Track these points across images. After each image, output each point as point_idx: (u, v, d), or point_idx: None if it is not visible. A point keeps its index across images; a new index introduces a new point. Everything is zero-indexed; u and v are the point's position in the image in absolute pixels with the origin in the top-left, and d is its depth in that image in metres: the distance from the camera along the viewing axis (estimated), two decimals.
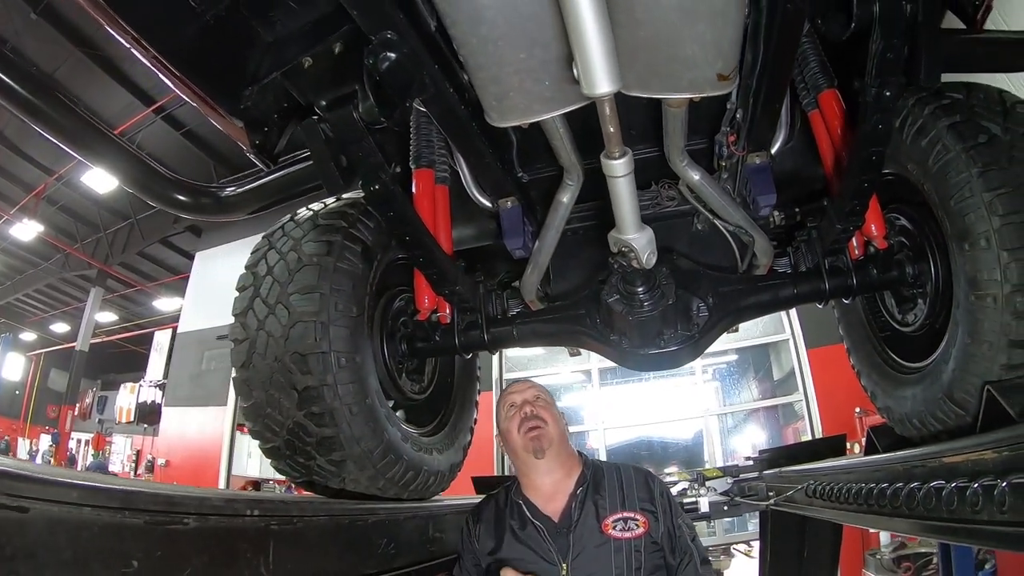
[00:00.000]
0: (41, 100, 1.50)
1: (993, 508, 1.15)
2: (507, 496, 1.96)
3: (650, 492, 1.87)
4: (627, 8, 1.24)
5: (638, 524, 1.79)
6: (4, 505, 0.79)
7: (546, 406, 1.96)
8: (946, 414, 1.78)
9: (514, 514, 1.89)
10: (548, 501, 1.88)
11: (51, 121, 1.51)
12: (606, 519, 1.80)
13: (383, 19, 1.35)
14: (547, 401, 1.99)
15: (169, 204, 1.78)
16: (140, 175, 1.71)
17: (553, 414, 1.95)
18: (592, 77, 1.19)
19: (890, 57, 1.44)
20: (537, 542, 1.81)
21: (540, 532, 1.82)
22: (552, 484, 1.90)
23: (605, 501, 1.84)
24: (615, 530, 1.78)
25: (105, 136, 1.61)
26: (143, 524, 1.00)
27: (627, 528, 1.78)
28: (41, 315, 24.51)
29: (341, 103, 1.53)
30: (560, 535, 1.80)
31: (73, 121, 1.54)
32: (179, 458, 13.57)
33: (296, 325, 1.76)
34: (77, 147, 1.57)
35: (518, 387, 2.04)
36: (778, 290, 2.10)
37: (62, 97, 1.55)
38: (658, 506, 1.84)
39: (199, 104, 1.63)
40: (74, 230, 17.74)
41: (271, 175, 2.00)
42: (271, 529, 1.31)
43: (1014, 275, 1.53)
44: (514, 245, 2.15)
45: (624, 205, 1.68)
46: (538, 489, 1.91)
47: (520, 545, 1.82)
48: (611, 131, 1.43)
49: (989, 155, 1.61)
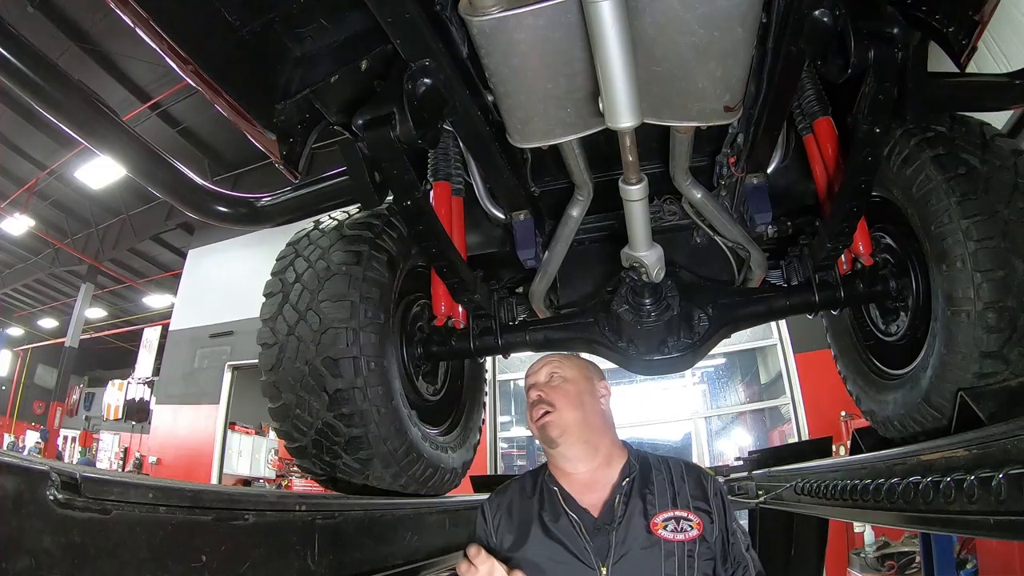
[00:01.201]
0: (105, 128, 1.58)
1: (964, 499, 1.29)
2: (536, 483, 1.73)
3: (704, 490, 1.64)
4: (647, 47, 1.35)
5: (692, 525, 1.55)
6: (89, 508, 0.86)
7: (559, 386, 1.73)
8: (924, 417, 1.93)
9: (545, 504, 1.65)
10: (585, 492, 1.65)
11: (108, 143, 1.60)
12: (655, 517, 1.56)
13: (424, 48, 1.45)
14: (564, 378, 1.75)
15: (210, 215, 1.87)
16: (184, 189, 1.80)
17: (567, 394, 1.71)
18: (616, 111, 1.33)
19: (881, 99, 1.58)
20: (572, 538, 1.56)
21: (576, 527, 1.57)
22: (588, 473, 1.68)
23: (655, 497, 1.60)
24: (666, 531, 1.54)
25: (154, 154, 1.70)
26: (211, 521, 1.09)
27: (680, 529, 1.54)
28: (29, 310, 24.26)
29: (379, 124, 1.60)
30: (600, 533, 1.55)
31: (127, 141, 1.63)
32: (170, 456, 13.49)
33: (328, 331, 1.87)
34: (127, 164, 1.66)
35: (534, 367, 1.82)
36: (772, 302, 2.24)
37: (122, 123, 1.62)
38: (713, 506, 1.61)
39: (235, 118, 1.69)
40: (65, 225, 17.62)
41: (306, 187, 2.10)
42: (317, 523, 1.42)
43: (986, 294, 1.68)
44: (526, 256, 2.28)
45: (638, 225, 1.84)
46: (571, 477, 1.68)
47: (550, 541, 1.57)
48: (630, 160, 1.58)
49: (967, 185, 1.76)
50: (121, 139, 1.61)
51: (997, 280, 1.68)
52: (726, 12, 1.27)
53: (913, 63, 1.57)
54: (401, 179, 1.72)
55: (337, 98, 1.79)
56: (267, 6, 1.53)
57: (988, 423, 1.57)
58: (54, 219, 17.32)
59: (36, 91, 1.40)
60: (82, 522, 0.85)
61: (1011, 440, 1.22)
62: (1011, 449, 1.21)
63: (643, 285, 2.09)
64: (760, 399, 10.17)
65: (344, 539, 1.54)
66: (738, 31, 1.32)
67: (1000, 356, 1.71)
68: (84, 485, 0.85)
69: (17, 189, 15.41)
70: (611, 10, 1.14)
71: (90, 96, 1.53)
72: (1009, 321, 1.69)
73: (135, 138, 1.67)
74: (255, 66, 1.64)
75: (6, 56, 1.32)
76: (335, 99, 1.80)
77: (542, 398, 1.71)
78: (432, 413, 2.49)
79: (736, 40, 1.34)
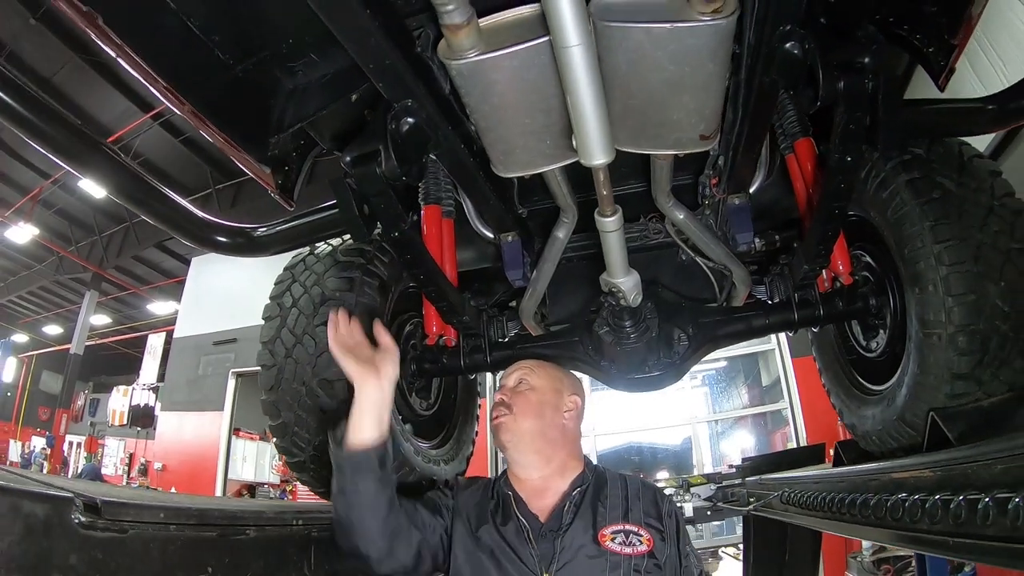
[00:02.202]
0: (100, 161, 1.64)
1: (927, 519, 1.34)
2: (494, 485, 1.77)
3: (658, 510, 1.65)
4: (623, 82, 1.40)
5: (641, 540, 1.56)
6: (108, 528, 0.97)
7: (523, 392, 1.80)
8: (900, 433, 1.97)
9: (499, 506, 1.69)
10: (536, 497, 1.69)
11: (110, 180, 1.66)
12: (604, 529, 1.57)
13: (405, 90, 1.50)
14: (531, 386, 1.81)
15: (210, 245, 1.94)
16: (185, 221, 1.87)
17: (528, 402, 1.77)
18: (588, 149, 1.40)
19: (852, 128, 1.58)
20: (518, 541, 1.58)
21: (523, 531, 1.59)
22: (540, 480, 1.72)
23: (606, 510, 1.62)
24: (614, 543, 1.54)
25: (154, 189, 1.76)
26: (215, 536, 1.21)
27: (628, 543, 1.55)
28: (33, 317, 24.46)
29: (366, 161, 1.65)
30: (545, 538, 1.58)
31: (125, 177, 1.70)
32: (175, 461, 13.63)
33: (323, 355, 1.94)
34: (126, 199, 1.72)
35: (509, 369, 1.91)
36: (752, 320, 2.29)
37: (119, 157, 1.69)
38: (666, 526, 1.62)
39: (231, 152, 1.74)
40: (69, 233, 17.81)
41: (299, 219, 2.17)
42: (312, 536, 1.54)
43: (957, 317, 1.71)
44: (514, 276, 2.34)
45: (614, 253, 1.91)
46: (524, 483, 1.73)
47: (500, 539, 1.60)
48: (604, 194, 1.64)
49: (941, 210, 1.79)
50: (119, 173, 1.67)
51: (968, 304, 1.70)
52: (696, 49, 1.30)
53: (885, 92, 1.55)
54: (388, 212, 1.77)
55: (330, 127, 1.85)
56: (259, 45, 1.58)
57: (956, 444, 1.60)
58: (58, 227, 17.52)
59: (26, 125, 1.45)
60: (103, 541, 0.96)
61: (971, 465, 1.25)
62: (971, 474, 1.24)
63: (622, 308, 2.14)
64: (762, 402, 10.23)
65: (339, 548, 1.61)
66: (709, 66, 1.36)
67: (972, 377, 1.74)
68: (104, 508, 0.96)
69: (21, 198, 15.60)
70: (580, 55, 1.20)
71: (82, 130, 1.58)
72: (981, 344, 1.71)
73: (134, 172, 1.73)
74: (248, 102, 1.69)
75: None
76: (328, 128, 1.85)
77: (504, 401, 1.79)
78: (426, 427, 2.55)
79: (707, 74, 1.38)
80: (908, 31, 1.69)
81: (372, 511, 1.52)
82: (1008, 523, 1.05)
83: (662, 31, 1.25)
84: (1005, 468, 1.15)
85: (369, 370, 1.59)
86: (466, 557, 1.62)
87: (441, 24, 1.26)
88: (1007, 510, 1.06)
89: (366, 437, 1.53)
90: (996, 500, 1.10)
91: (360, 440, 1.53)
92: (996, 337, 1.72)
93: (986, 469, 1.20)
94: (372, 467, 1.52)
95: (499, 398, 1.82)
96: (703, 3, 1.21)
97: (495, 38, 1.32)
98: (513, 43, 1.30)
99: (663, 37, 1.27)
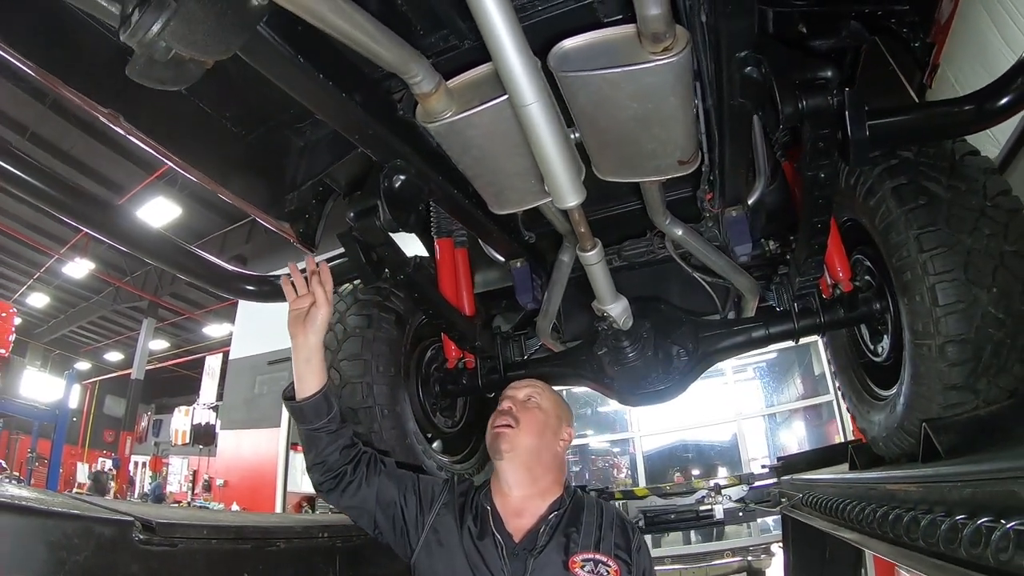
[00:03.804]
0: (149, 238, 1.84)
1: (910, 534, 1.33)
2: (476, 495, 1.78)
3: (628, 542, 1.67)
4: (591, 122, 1.49)
5: (609, 571, 1.58)
6: (162, 544, 1.16)
7: (531, 408, 1.80)
8: (902, 441, 1.97)
9: (476, 517, 1.70)
10: (514, 516, 1.70)
11: (153, 251, 1.85)
12: (575, 556, 1.59)
13: (392, 152, 1.63)
14: (539, 405, 1.82)
15: (240, 294, 2.15)
16: (217, 277, 2.06)
17: (535, 419, 1.78)
18: (560, 194, 1.51)
19: (822, 146, 1.57)
20: (491, 557, 1.61)
21: (498, 548, 1.62)
22: (521, 499, 1.73)
23: (579, 536, 1.64)
24: (583, 570, 1.57)
25: (183, 248, 1.93)
26: (250, 549, 1.41)
27: (596, 572, 1.57)
28: (94, 345, 25.52)
29: (366, 215, 1.77)
30: (517, 558, 1.60)
31: (154, 239, 1.88)
32: (236, 477, 13.99)
33: (347, 386, 2.14)
34: (157, 259, 1.91)
35: (519, 383, 1.90)
36: (752, 332, 2.32)
37: (161, 233, 1.89)
38: (634, 560, 1.64)
39: (251, 212, 1.93)
40: (123, 264, 18.51)
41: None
42: (337, 547, 1.73)
43: (946, 328, 1.69)
44: (524, 300, 2.47)
45: (600, 283, 2.02)
46: (505, 498, 1.74)
47: (475, 551, 1.63)
48: (582, 231, 1.76)
49: (926, 217, 1.75)
50: (165, 245, 1.88)
51: (958, 313, 1.67)
52: (654, 87, 1.35)
53: (851, 105, 1.53)
54: (392, 259, 1.91)
55: (345, 175, 2.02)
56: (266, 114, 1.73)
57: (946, 457, 1.59)
58: (112, 259, 18.18)
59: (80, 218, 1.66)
60: (158, 554, 1.15)
61: (952, 484, 1.24)
62: (947, 494, 1.24)
63: (617, 331, 2.23)
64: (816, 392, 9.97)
65: (361, 558, 1.83)
66: (671, 100, 1.39)
67: (967, 387, 1.71)
68: (158, 527, 1.15)
69: (75, 235, 16.31)
70: (538, 111, 1.29)
71: (127, 213, 1.79)
72: (973, 353, 1.68)
73: (176, 244, 1.95)
74: (262, 166, 1.86)
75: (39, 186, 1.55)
76: (343, 176, 2.02)
77: (511, 410, 1.78)
78: (452, 442, 2.72)
79: (672, 107, 1.42)
80: (884, 16, 1.69)
81: (332, 444, 1.69)
82: (963, 548, 1.06)
83: (618, 75, 1.32)
84: (973, 492, 1.15)
85: (298, 327, 1.72)
86: (444, 549, 1.67)
87: (413, 93, 1.37)
88: (963, 534, 1.06)
89: (305, 388, 1.69)
90: (958, 523, 1.10)
91: (301, 392, 1.69)
92: (991, 345, 1.68)
93: (957, 490, 1.20)
94: (321, 410, 1.68)
95: (507, 406, 1.81)
96: (652, 43, 1.27)
97: (465, 96, 1.43)
98: (480, 102, 1.40)
99: (621, 80, 1.33)
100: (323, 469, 1.70)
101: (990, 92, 1.70)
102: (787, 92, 1.49)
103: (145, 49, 0.93)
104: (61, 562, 0.95)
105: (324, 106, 1.41)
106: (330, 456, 1.69)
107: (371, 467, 1.75)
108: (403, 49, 1.26)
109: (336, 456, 1.69)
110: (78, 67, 1.39)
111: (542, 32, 1.42)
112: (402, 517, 1.72)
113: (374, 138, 1.53)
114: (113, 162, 13.94)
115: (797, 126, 1.55)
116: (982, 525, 1.02)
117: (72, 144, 13.38)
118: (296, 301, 1.74)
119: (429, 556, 1.67)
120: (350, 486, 1.70)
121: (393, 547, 1.74)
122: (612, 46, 1.34)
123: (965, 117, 1.75)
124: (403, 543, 1.72)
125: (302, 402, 1.67)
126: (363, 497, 1.71)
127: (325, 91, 1.33)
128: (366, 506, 1.72)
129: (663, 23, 1.21)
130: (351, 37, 1.15)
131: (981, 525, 1.02)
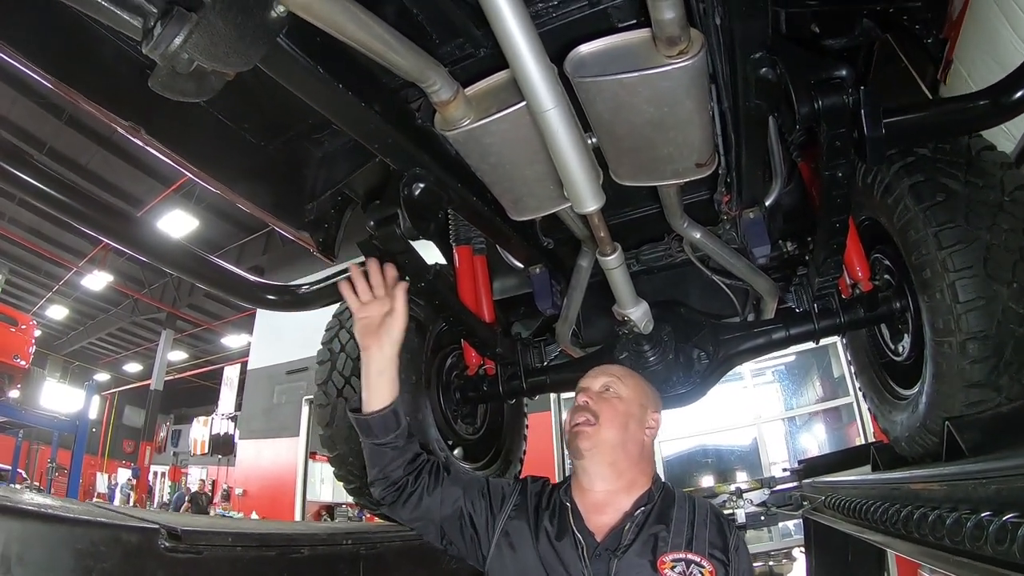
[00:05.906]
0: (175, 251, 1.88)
1: (935, 533, 1.31)
2: (554, 493, 1.66)
3: (725, 540, 1.49)
4: (609, 127, 1.50)
5: (703, 572, 1.41)
6: (188, 551, 1.17)
7: (610, 400, 1.63)
8: (925, 440, 1.96)
9: (554, 516, 1.57)
10: (596, 513, 1.55)
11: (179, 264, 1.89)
12: (664, 556, 1.43)
13: (412, 160, 1.64)
14: (618, 395, 1.64)
15: (261, 303, 2.18)
16: (241, 287, 2.11)
17: (615, 411, 1.61)
18: (579, 199, 1.51)
19: (838, 145, 1.57)
20: (571, 559, 1.47)
21: (578, 548, 1.47)
22: (604, 494, 1.57)
23: (669, 535, 1.48)
24: (673, 572, 1.41)
25: (205, 259, 1.97)
26: (275, 556, 1.42)
27: (688, 573, 1.41)
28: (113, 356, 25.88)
29: (386, 223, 1.78)
30: (599, 559, 1.45)
31: (179, 250, 1.92)
32: (256, 487, 14.09)
33: None
34: (180, 270, 1.95)
35: (595, 371, 1.73)
36: (772, 334, 2.31)
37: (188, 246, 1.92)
38: (731, 559, 1.46)
39: (271, 222, 1.94)
40: (141, 277, 18.77)
41: (338, 275, 2.38)
42: (361, 553, 1.73)
43: (967, 325, 1.68)
44: (544, 305, 2.48)
45: (620, 287, 2.02)
46: (586, 495, 1.59)
47: (553, 553, 1.50)
48: (602, 235, 1.75)
49: (945, 214, 1.74)
50: (191, 258, 1.91)
51: (978, 310, 1.67)
52: (670, 90, 1.35)
53: (866, 103, 1.52)
54: (412, 267, 1.91)
55: (363, 184, 2.02)
56: (285, 125, 1.75)
57: (970, 454, 1.58)
58: (131, 272, 18.48)
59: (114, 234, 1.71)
60: (184, 561, 1.16)
61: (977, 482, 1.22)
62: (972, 492, 1.22)
63: (638, 335, 2.23)
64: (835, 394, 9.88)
65: (385, 565, 1.82)
66: (687, 103, 1.40)
67: (989, 384, 1.70)
68: (183, 535, 1.16)
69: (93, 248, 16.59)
70: (556, 116, 1.29)
71: (151, 226, 1.83)
72: (995, 349, 1.67)
73: (199, 255, 1.99)
74: (282, 177, 1.88)
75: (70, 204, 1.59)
76: (362, 185, 2.03)
77: (588, 406, 1.63)
78: (474, 449, 2.72)
79: (688, 111, 1.42)
80: (899, 16, 1.69)
81: (398, 459, 1.60)
82: (989, 545, 1.05)
83: (634, 80, 1.32)
84: (998, 488, 1.14)
85: (371, 338, 1.60)
86: (516, 553, 1.54)
87: (431, 101, 1.39)
88: (988, 531, 1.06)
89: (374, 402, 1.59)
90: (984, 521, 1.09)
91: (369, 406, 1.59)
92: (1012, 341, 1.67)
93: (982, 487, 1.19)
94: (390, 425, 1.58)
95: (583, 401, 1.64)
96: (668, 47, 1.27)
97: (483, 104, 1.45)
98: (498, 109, 1.41)
99: (637, 85, 1.34)
100: (385, 484, 1.61)
101: (1004, 86, 1.71)
102: (803, 92, 1.49)
103: (167, 61, 0.94)
104: (87, 570, 0.96)
105: (343, 116, 1.42)
106: (393, 472, 1.61)
107: (433, 476, 1.64)
108: (420, 58, 1.27)
109: (399, 472, 1.61)
110: (100, 81, 1.41)
111: (558, 38, 1.43)
112: (471, 524, 1.61)
113: (393, 147, 1.54)
114: (131, 175, 14.21)
115: (813, 126, 1.55)
116: (1008, 522, 1.02)
117: (90, 158, 13.69)
118: (363, 309, 1.61)
119: (501, 562, 1.55)
120: (412, 497, 1.61)
121: (466, 558, 1.63)
122: (628, 51, 1.34)
123: (980, 112, 1.76)
124: (474, 550, 1.61)
125: (370, 416, 1.58)
126: (426, 507, 1.61)
127: (344, 101, 1.35)
128: (431, 516, 1.62)
129: (678, 26, 1.21)
130: (369, 47, 1.17)
131: (1007, 522, 1.02)
